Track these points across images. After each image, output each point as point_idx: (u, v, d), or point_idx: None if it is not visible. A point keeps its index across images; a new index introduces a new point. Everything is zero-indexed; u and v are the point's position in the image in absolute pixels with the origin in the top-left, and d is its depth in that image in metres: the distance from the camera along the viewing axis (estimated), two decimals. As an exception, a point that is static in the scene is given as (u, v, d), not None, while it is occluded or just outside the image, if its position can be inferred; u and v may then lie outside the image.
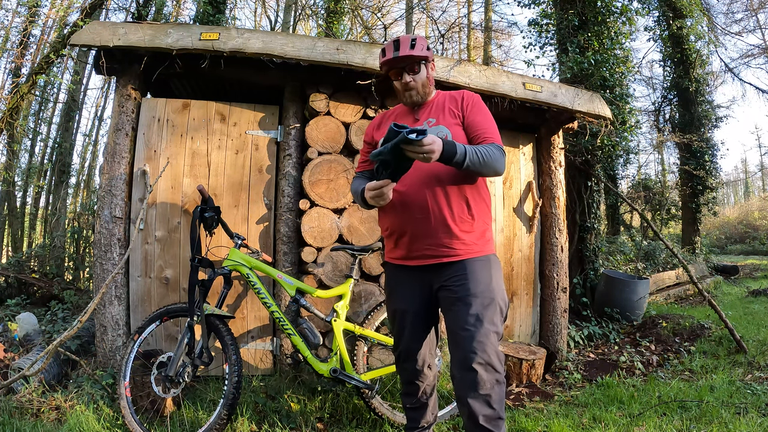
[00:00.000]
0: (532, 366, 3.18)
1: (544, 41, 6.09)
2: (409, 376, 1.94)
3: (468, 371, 1.58)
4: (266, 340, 3.07)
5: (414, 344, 1.88)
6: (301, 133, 3.17)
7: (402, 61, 1.83)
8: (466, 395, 1.58)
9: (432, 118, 1.89)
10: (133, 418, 2.29)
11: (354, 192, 1.87)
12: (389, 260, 1.95)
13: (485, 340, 1.61)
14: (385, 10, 12.05)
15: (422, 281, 1.81)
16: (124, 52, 2.95)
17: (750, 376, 3.11)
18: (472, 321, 1.62)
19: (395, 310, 1.90)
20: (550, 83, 3.40)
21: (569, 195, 4.88)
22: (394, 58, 1.84)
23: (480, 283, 1.68)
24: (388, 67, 1.89)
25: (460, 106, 1.89)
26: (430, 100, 1.94)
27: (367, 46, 3.00)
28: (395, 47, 1.84)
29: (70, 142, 10.03)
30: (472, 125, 1.84)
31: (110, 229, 2.92)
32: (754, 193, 27.52)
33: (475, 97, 1.92)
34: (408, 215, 1.78)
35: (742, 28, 12.34)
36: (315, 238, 3.01)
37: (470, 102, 1.89)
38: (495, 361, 1.61)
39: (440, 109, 1.90)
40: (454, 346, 1.66)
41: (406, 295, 1.85)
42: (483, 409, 1.56)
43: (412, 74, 1.86)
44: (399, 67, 1.86)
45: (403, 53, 1.82)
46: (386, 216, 1.89)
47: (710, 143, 9.24)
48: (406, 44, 1.83)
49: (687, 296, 6.50)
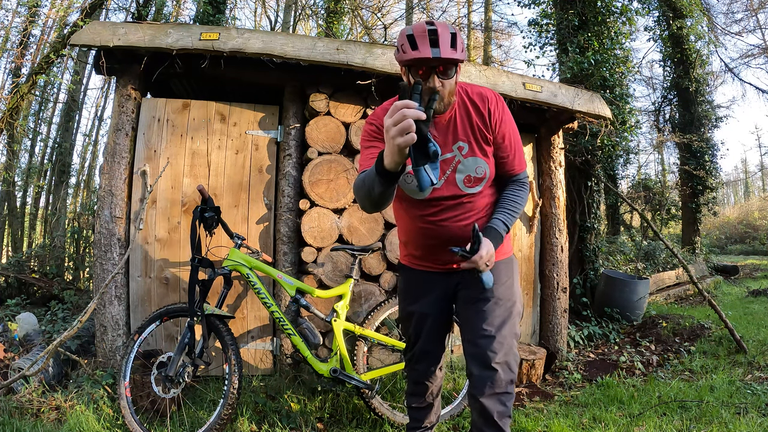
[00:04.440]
0: (532, 366, 3.18)
1: (544, 41, 6.09)
2: (419, 377, 1.93)
3: (488, 370, 1.57)
4: (266, 340, 3.07)
5: (431, 346, 1.87)
6: (301, 133, 3.17)
7: (438, 61, 1.43)
8: (483, 393, 1.57)
9: (462, 141, 1.62)
10: (133, 418, 2.29)
11: (363, 178, 1.41)
12: (409, 264, 1.85)
13: (505, 341, 1.61)
14: (385, 10, 12.05)
15: (445, 285, 1.77)
16: (124, 52, 2.95)
17: (750, 376, 3.11)
18: (495, 322, 1.62)
19: (414, 312, 1.84)
20: (550, 83, 3.40)
21: (569, 195, 4.88)
22: (434, 58, 1.42)
23: (503, 285, 1.68)
24: (414, 65, 1.47)
25: (488, 121, 1.62)
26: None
27: (367, 46, 3.00)
28: (432, 42, 1.42)
29: (70, 142, 10.03)
30: (500, 148, 1.65)
31: (110, 229, 2.92)
32: (754, 193, 27.51)
33: (501, 103, 1.65)
34: (434, 241, 1.70)
35: (742, 28, 12.34)
36: (315, 238, 3.01)
37: (499, 115, 1.63)
38: (512, 361, 1.62)
39: (466, 123, 1.62)
40: (472, 345, 1.64)
41: (429, 300, 1.80)
42: (497, 407, 1.56)
43: (444, 78, 1.48)
44: (428, 66, 1.46)
45: (445, 54, 1.41)
46: (408, 235, 1.78)
47: (710, 143, 9.24)
48: (446, 40, 1.43)
49: (687, 296, 6.49)
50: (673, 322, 4.36)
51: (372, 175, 1.31)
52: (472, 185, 1.65)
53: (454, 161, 1.63)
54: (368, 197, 1.39)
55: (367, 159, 1.59)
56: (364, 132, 1.67)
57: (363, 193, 1.41)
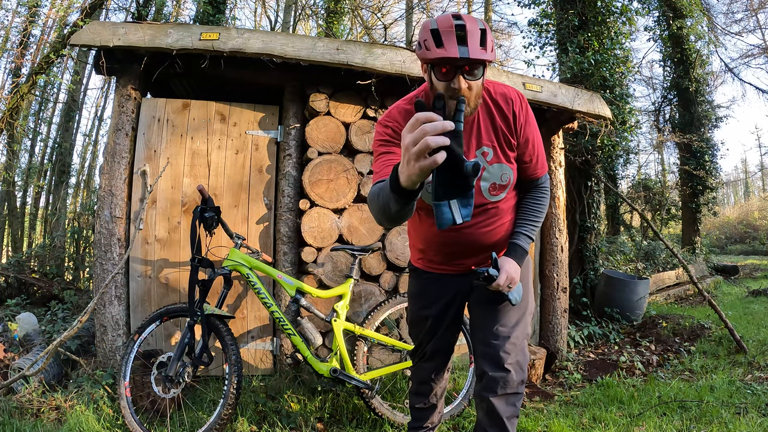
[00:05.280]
0: (532, 366, 3.18)
1: (544, 41, 6.10)
2: (425, 377, 1.91)
3: (500, 371, 1.56)
4: (266, 340, 3.07)
5: (443, 345, 1.86)
6: (301, 133, 3.17)
7: (465, 61, 1.28)
8: (494, 393, 1.55)
9: (486, 146, 1.50)
10: (133, 418, 2.29)
11: (378, 192, 1.22)
12: (425, 268, 1.78)
13: (518, 342, 1.60)
14: (385, 10, 12.05)
15: (460, 285, 1.74)
16: (124, 52, 2.95)
17: (750, 376, 3.11)
18: (509, 322, 1.61)
19: (429, 316, 1.80)
20: (550, 83, 3.40)
21: (569, 195, 4.88)
22: (461, 59, 1.26)
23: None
24: (438, 63, 1.31)
25: (512, 124, 1.51)
26: None
27: (367, 46, 3.00)
28: (459, 39, 1.26)
29: (70, 142, 10.03)
30: (524, 153, 1.57)
31: (110, 229, 2.92)
32: (754, 193, 27.51)
33: (525, 104, 1.54)
34: (456, 249, 1.65)
35: (742, 28, 12.37)
36: (315, 238, 3.01)
37: (524, 118, 1.52)
38: (523, 362, 1.61)
39: (489, 126, 1.50)
40: (484, 345, 1.61)
41: (445, 301, 1.77)
42: (507, 408, 1.56)
43: (471, 78, 1.33)
44: (454, 65, 1.30)
45: (474, 55, 1.26)
46: (426, 242, 1.71)
47: (710, 143, 9.24)
48: (475, 37, 1.27)
49: (687, 296, 6.50)
50: (673, 322, 4.36)
51: (386, 190, 1.10)
52: (496, 193, 1.57)
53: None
54: (383, 213, 1.20)
55: (382, 165, 1.42)
56: (377, 134, 1.51)
57: (378, 209, 1.22)
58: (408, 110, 1.52)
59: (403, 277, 3.10)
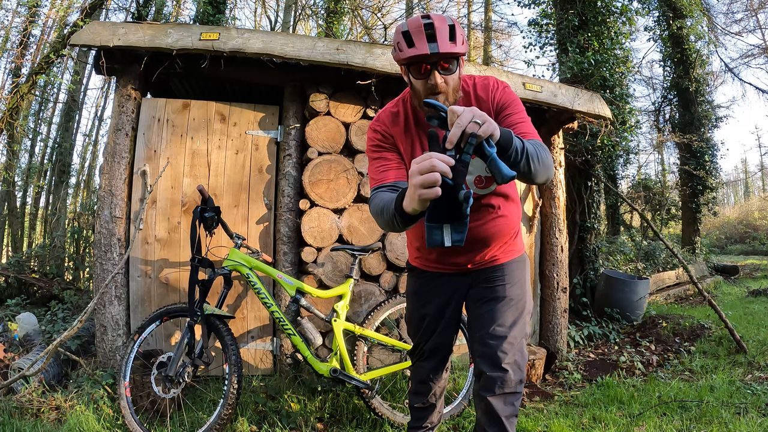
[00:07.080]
0: (532, 366, 3.18)
1: (544, 41, 6.10)
2: (424, 376, 1.91)
3: (498, 370, 1.56)
4: (266, 340, 3.07)
5: (440, 344, 1.86)
6: (301, 133, 3.17)
7: (437, 57, 1.35)
8: (492, 393, 1.55)
9: None
10: (133, 418, 2.29)
11: (382, 208, 1.34)
12: (422, 266, 1.80)
13: (516, 342, 1.60)
14: (385, 10, 12.05)
15: (458, 285, 1.75)
16: (124, 52, 2.95)
17: (750, 376, 3.11)
18: (506, 322, 1.61)
19: (427, 315, 1.81)
20: (550, 83, 3.40)
21: (569, 195, 4.88)
22: (432, 54, 1.34)
23: (516, 286, 1.67)
24: (412, 62, 1.40)
25: (492, 108, 1.54)
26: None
27: (367, 46, 3.00)
28: (429, 36, 1.33)
29: (70, 142, 10.03)
30: (506, 118, 1.53)
31: (110, 229, 2.92)
32: (754, 193, 27.49)
33: (508, 90, 1.57)
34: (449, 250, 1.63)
35: (742, 28, 12.33)
36: (315, 238, 3.01)
37: (506, 99, 1.54)
38: (522, 362, 1.61)
39: None
40: (482, 345, 1.62)
41: (442, 300, 1.78)
42: (506, 408, 1.56)
43: (446, 73, 1.40)
44: (427, 62, 1.38)
45: (444, 49, 1.33)
46: (422, 240, 1.70)
47: (710, 143, 9.24)
48: (444, 34, 1.34)
49: (687, 296, 6.49)
50: (673, 322, 4.36)
51: (391, 209, 1.25)
52: (483, 186, 1.59)
53: None
54: (389, 226, 1.34)
55: (377, 171, 1.52)
56: (369, 140, 1.60)
57: (384, 224, 1.36)
58: (395, 113, 1.61)
59: (403, 277, 3.10)
